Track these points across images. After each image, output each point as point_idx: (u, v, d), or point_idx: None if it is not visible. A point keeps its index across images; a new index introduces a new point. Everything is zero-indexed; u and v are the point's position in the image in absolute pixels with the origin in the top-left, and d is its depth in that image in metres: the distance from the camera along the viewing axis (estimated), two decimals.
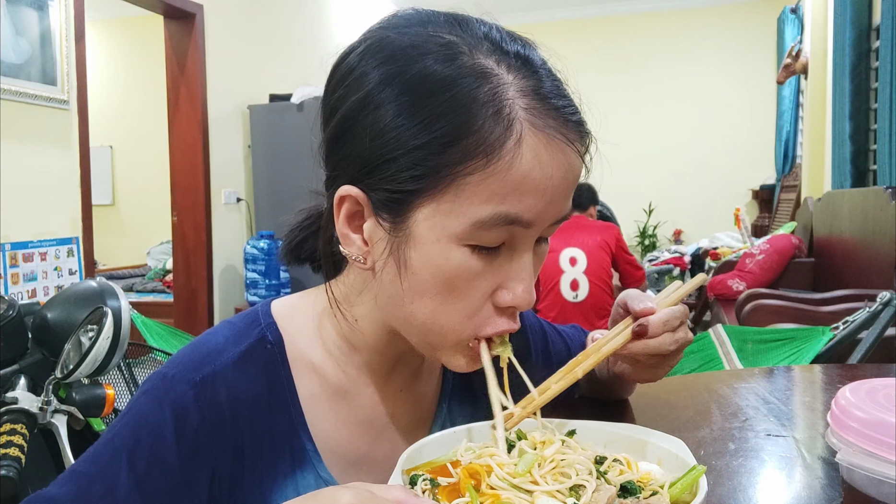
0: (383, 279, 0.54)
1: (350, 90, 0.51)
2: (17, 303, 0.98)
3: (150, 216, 6.39)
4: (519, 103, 0.48)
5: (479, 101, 0.47)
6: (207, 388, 0.54)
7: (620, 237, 3.17)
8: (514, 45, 0.51)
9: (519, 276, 0.52)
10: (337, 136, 0.53)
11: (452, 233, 0.49)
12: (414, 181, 0.49)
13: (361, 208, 0.53)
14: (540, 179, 0.48)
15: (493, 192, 0.47)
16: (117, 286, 1.04)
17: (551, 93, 0.51)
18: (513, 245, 0.51)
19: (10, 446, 0.83)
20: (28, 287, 2.91)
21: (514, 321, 0.54)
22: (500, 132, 0.47)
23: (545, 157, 0.48)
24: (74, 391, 0.97)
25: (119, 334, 0.95)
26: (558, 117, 0.50)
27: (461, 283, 0.51)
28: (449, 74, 0.48)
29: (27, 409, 0.91)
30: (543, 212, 0.50)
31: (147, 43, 6.10)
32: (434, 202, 0.49)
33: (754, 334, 2.00)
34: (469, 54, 0.49)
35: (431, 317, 0.52)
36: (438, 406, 0.68)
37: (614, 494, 0.46)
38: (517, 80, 0.49)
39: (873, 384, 0.57)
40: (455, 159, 0.47)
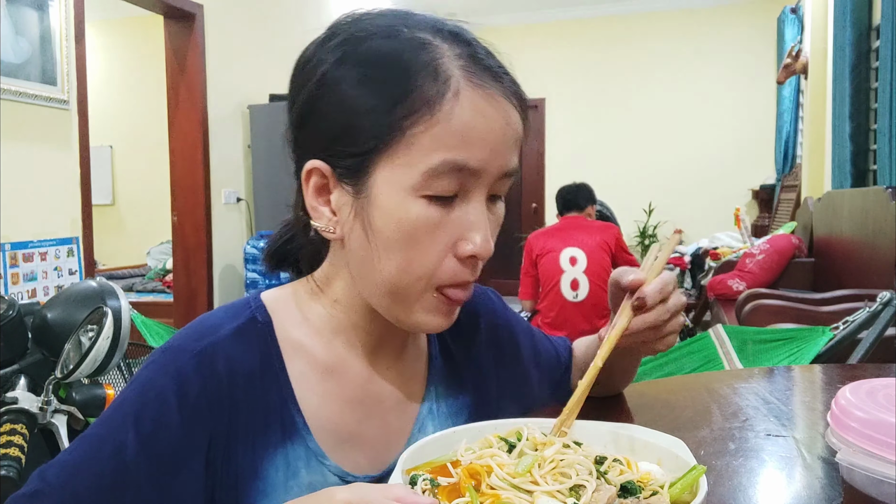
0: (352, 244, 0.59)
1: (309, 77, 0.58)
2: (17, 303, 0.98)
3: (150, 216, 6.39)
4: (454, 63, 0.55)
5: (419, 64, 0.54)
6: (207, 357, 0.57)
7: (620, 237, 3.17)
8: (448, 25, 0.59)
9: (475, 225, 0.56)
10: (301, 119, 0.60)
11: (408, 185, 0.54)
12: (370, 140, 0.54)
13: (327, 181, 0.58)
14: (481, 129, 0.54)
15: (439, 142, 0.53)
16: (117, 286, 1.04)
17: (483, 56, 0.57)
18: (466, 196, 0.56)
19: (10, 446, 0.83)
20: (28, 287, 2.91)
21: (474, 272, 0.58)
22: (439, 87, 0.53)
23: (483, 106, 0.54)
24: (74, 391, 0.97)
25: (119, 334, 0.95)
26: (492, 75, 0.56)
27: (422, 234, 0.55)
28: (393, 47, 0.55)
29: (27, 409, 0.91)
30: (488, 160, 0.55)
31: (147, 43, 6.10)
32: (389, 159, 0.54)
33: (754, 334, 2.00)
34: (408, 31, 0.56)
35: (399, 272, 0.56)
36: (427, 387, 0.69)
37: (614, 494, 0.46)
38: (452, 48, 0.56)
39: (873, 384, 0.57)
40: (402, 114, 0.53)
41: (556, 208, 3.30)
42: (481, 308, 0.76)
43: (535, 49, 6.85)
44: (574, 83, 6.79)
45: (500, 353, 0.77)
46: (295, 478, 0.59)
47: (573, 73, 6.79)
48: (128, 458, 0.53)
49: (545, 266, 3.10)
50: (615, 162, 6.65)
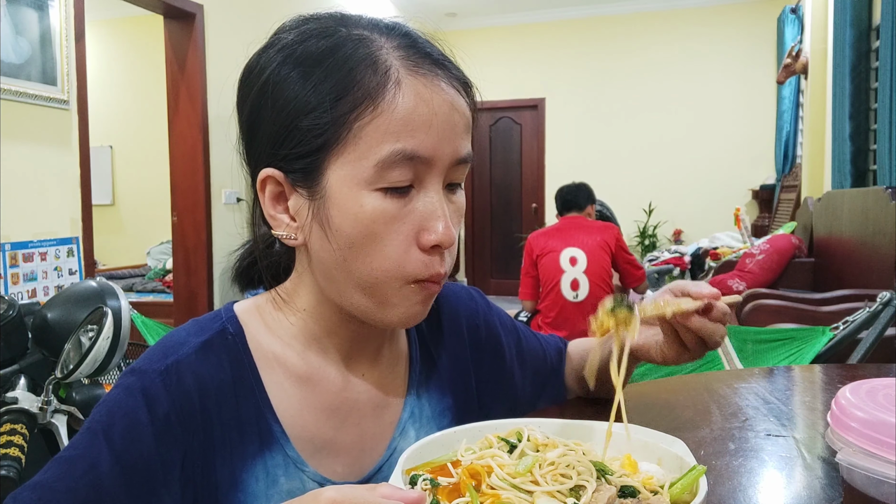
0: (313, 246, 0.58)
1: (252, 85, 0.59)
2: (17, 303, 0.98)
3: (150, 216, 6.39)
4: (393, 55, 0.55)
5: (357, 58, 0.54)
6: (173, 375, 0.57)
7: (620, 237, 3.17)
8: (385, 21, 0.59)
9: (434, 214, 0.56)
10: (249, 127, 0.60)
11: (361, 179, 0.54)
12: (316, 138, 0.54)
13: (283, 188, 0.58)
14: (426, 115, 0.54)
15: (385, 132, 0.53)
16: (117, 286, 1.04)
17: (421, 44, 0.57)
18: (421, 185, 0.56)
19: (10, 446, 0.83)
20: (28, 287, 2.91)
21: (442, 264, 0.58)
22: (379, 78, 0.54)
23: (426, 93, 0.54)
24: (74, 391, 0.97)
25: (119, 334, 0.95)
26: (432, 61, 0.56)
27: (381, 227, 0.55)
28: (331, 44, 0.55)
29: (27, 409, 0.91)
30: (438, 147, 0.55)
31: (147, 43, 6.09)
32: (339, 155, 0.54)
33: (754, 334, 1.99)
34: (346, 30, 0.57)
35: (365, 269, 0.56)
36: (407, 393, 0.69)
37: (614, 494, 0.46)
38: (390, 40, 0.56)
39: (873, 384, 0.57)
40: (346, 109, 0.53)
41: (556, 208, 3.30)
42: (462, 309, 0.76)
43: (535, 49, 6.86)
44: (574, 83, 6.79)
45: (481, 354, 0.76)
46: (274, 486, 0.59)
47: (573, 73, 6.79)
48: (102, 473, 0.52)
49: (545, 266, 3.09)
50: (615, 162, 6.65)
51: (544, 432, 0.56)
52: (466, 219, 7.32)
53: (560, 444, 0.53)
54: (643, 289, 3.35)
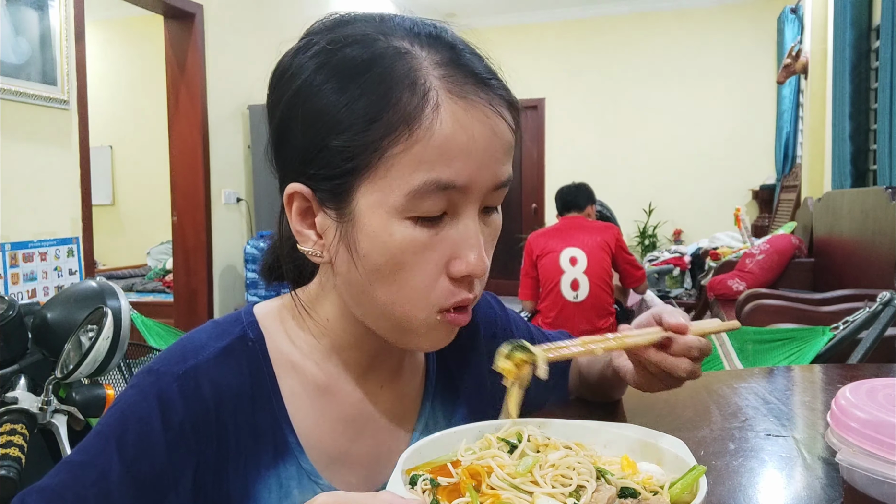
0: (339, 268, 0.56)
1: (285, 89, 0.55)
2: (17, 303, 0.98)
3: (150, 216, 6.39)
4: (433, 73, 0.51)
5: (395, 77, 0.50)
6: (190, 380, 0.55)
7: (620, 237, 3.17)
8: (427, 27, 0.55)
9: (467, 242, 0.53)
10: (279, 136, 0.57)
11: (392, 207, 0.51)
12: (347, 161, 0.51)
13: (310, 204, 0.56)
14: (464, 142, 0.50)
15: (420, 160, 0.50)
16: (117, 286, 1.04)
17: (466, 61, 0.53)
18: (455, 213, 0.53)
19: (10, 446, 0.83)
20: (28, 287, 2.91)
21: (471, 291, 0.56)
22: (417, 101, 0.50)
23: (465, 120, 0.51)
24: (74, 391, 0.97)
25: (119, 334, 0.95)
26: (476, 82, 0.52)
27: (410, 257, 0.52)
28: (369, 57, 0.51)
29: (27, 409, 0.91)
30: (475, 175, 0.52)
31: (147, 43, 6.10)
32: (370, 181, 0.51)
33: (754, 334, 1.99)
34: (384, 40, 0.52)
35: (391, 297, 0.54)
36: (422, 404, 0.68)
37: (614, 495, 0.46)
38: (431, 55, 0.52)
39: (873, 384, 0.57)
40: (380, 134, 0.50)
41: (556, 208, 3.30)
42: (480, 318, 0.75)
43: (535, 49, 6.85)
44: (574, 83, 6.79)
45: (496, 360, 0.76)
46: (287, 498, 0.58)
47: (573, 73, 6.79)
48: (111, 483, 0.51)
49: (545, 266, 3.09)
50: (615, 162, 6.65)
51: (545, 433, 0.56)
52: None
53: (560, 444, 0.53)
54: (643, 289, 3.35)
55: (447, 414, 0.69)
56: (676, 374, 0.63)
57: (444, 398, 0.70)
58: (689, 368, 0.63)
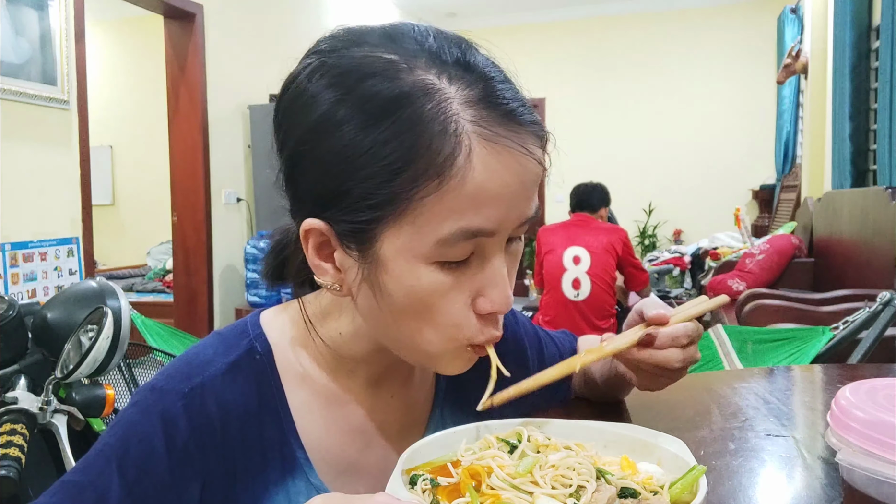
0: (361, 304, 0.55)
1: (300, 113, 0.51)
2: (17, 303, 0.98)
3: (150, 216, 6.39)
4: (465, 116, 0.48)
5: (423, 120, 0.47)
6: (196, 398, 0.54)
7: (627, 241, 3.17)
8: (454, 51, 0.50)
9: (493, 282, 0.52)
10: (292, 167, 0.53)
11: (419, 253, 0.49)
12: (370, 210, 0.49)
13: (328, 238, 0.53)
14: (496, 189, 0.48)
15: (450, 210, 0.48)
16: (117, 286, 1.04)
17: (497, 98, 0.49)
18: (482, 253, 0.52)
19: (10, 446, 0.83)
20: (28, 287, 2.91)
21: (498, 328, 0.55)
22: (449, 149, 0.47)
23: (498, 166, 0.48)
24: (74, 391, 0.97)
25: (119, 334, 0.95)
26: (508, 123, 0.49)
27: (436, 299, 0.51)
28: (394, 95, 0.47)
29: (27, 409, 0.91)
30: (504, 219, 0.50)
31: (147, 43, 6.09)
32: (396, 227, 0.49)
33: (754, 334, 1.99)
34: (409, 70, 0.48)
35: (416, 335, 0.53)
36: (431, 412, 0.68)
37: (614, 495, 0.46)
38: (460, 91, 0.48)
39: (873, 384, 0.57)
40: (407, 184, 0.47)
41: (570, 204, 3.30)
42: None
43: (535, 49, 6.85)
44: (574, 83, 6.79)
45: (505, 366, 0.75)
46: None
47: (573, 73, 6.79)
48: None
49: (549, 263, 3.10)
50: (615, 162, 6.64)
51: (545, 433, 0.56)
52: None
53: (561, 445, 0.53)
54: (647, 292, 3.36)
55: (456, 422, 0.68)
56: (670, 366, 0.61)
57: (452, 406, 0.69)
58: (681, 357, 0.61)
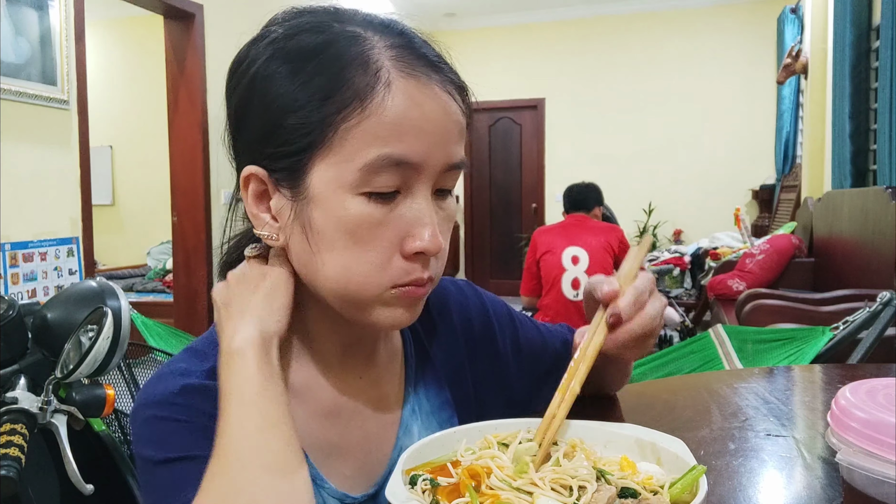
0: (293, 247, 0.57)
1: (241, 78, 0.57)
2: (17, 303, 0.98)
3: (150, 216, 6.39)
4: (385, 54, 0.53)
5: (348, 57, 0.52)
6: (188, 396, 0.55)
7: (624, 239, 3.18)
8: (380, 17, 0.57)
9: (421, 220, 0.54)
10: (236, 122, 0.58)
11: (346, 182, 0.52)
12: (301, 138, 0.53)
13: (266, 187, 0.57)
14: (417, 119, 0.52)
15: (374, 135, 0.51)
16: (117, 286, 1.04)
17: (416, 44, 0.55)
18: (408, 191, 0.54)
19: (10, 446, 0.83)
20: (28, 287, 2.91)
21: (426, 269, 0.56)
22: (369, 79, 0.52)
23: (418, 97, 0.52)
24: (74, 391, 0.97)
25: (119, 334, 0.95)
26: (426, 63, 0.54)
27: (364, 232, 0.53)
28: (322, 41, 0.53)
29: (27, 409, 0.91)
30: (428, 153, 0.53)
31: (147, 43, 6.10)
32: (324, 157, 0.53)
33: (754, 334, 1.99)
34: (339, 26, 0.55)
35: (344, 273, 0.54)
36: (406, 389, 0.68)
37: (614, 495, 0.46)
38: (384, 39, 0.54)
39: (873, 384, 0.57)
40: (333, 110, 0.52)
41: (563, 206, 3.30)
42: (452, 303, 0.75)
43: (535, 49, 6.85)
44: (574, 83, 6.78)
45: (474, 346, 0.75)
46: None
47: (573, 73, 6.79)
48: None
49: (547, 263, 3.10)
50: (615, 162, 6.65)
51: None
52: (466, 219, 7.32)
53: (561, 444, 0.53)
54: None
55: (431, 398, 0.69)
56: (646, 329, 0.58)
57: (426, 382, 0.70)
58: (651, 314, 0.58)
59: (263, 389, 0.51)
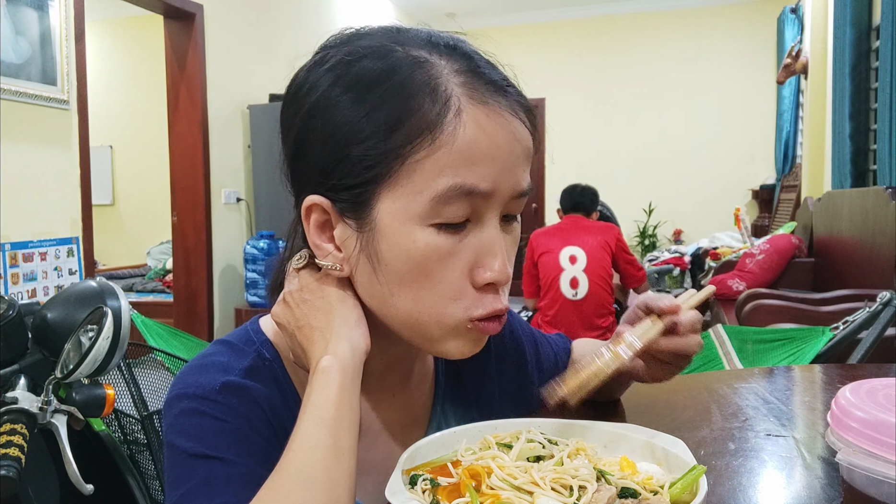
0: (360, 279, 0.55)
1: (301, 104, 0.55)
2: (17, 303, 0.98)
3: (150, 216, 6.39)
4: (454, 80, 0.51)
5: (415, 84, 0.50)
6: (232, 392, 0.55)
7: (621, 237, 3.18)
8: (444, 38, 0.55)
9: (491, 250, 0.53)
10: (296, 150, 0.56)
11: (414, 214, 0.51)
12: (367, 170, 0.51)
13: (329, 216, 0.55)
14: (487, 147, 0.51)
15: (444, 166, 0.50)
16: (117, 286, 1.04)
17: (484, 69, 0.53)
18: (478, 220, 0.53)
19: (10, 446, 0.83)
20: (28, 287, 2.91)
21: (499, 299, 0.55)
22: (439, 108, 0.50)
23: (488, 125, 0.51)
24: (74, 391, 0.97)
25: (119, 334, 0.95)
26: (495, 89, 0.52)
27: (433, 264, 0.52)
28: (385, 67, 0.51)
29: (27, 409, 0.91)
30: (498, 180, 0.52)
31: (147, 43, 6.10)
32: (391, 189, 0.51)
33: (754, 334, 1.99)
34: (402, 50, 0.52)
35: (415, 306, 0.53)
36: (433, 408, 0.68)
37: (614, 495, 0.46)
38: (450, 63, 0.52)
39: (873, 384, 0.57)
40: (401, 142, 0.50)
41: (562, 206, 3.31)
42: None
43: (535, 49, 6.85)
44: (574, 83, 6.78)
45: (504, 363, 0.75)
46: None
47: (573, 73, 6.79)
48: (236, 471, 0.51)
49: (545, 264, 3.10)
50: (615, 162, 6.65)
51: (544, 432, 0.56)
52: None
53: (561, 444, 0.53)
54: (644, 289, 3.36)
55: (458, 417, 0.69)
56: (690, 352, 0.63)
57: (454, 402, 0.69)
58: (698, 342, 0.64)
59: (340, 413, 0.50)
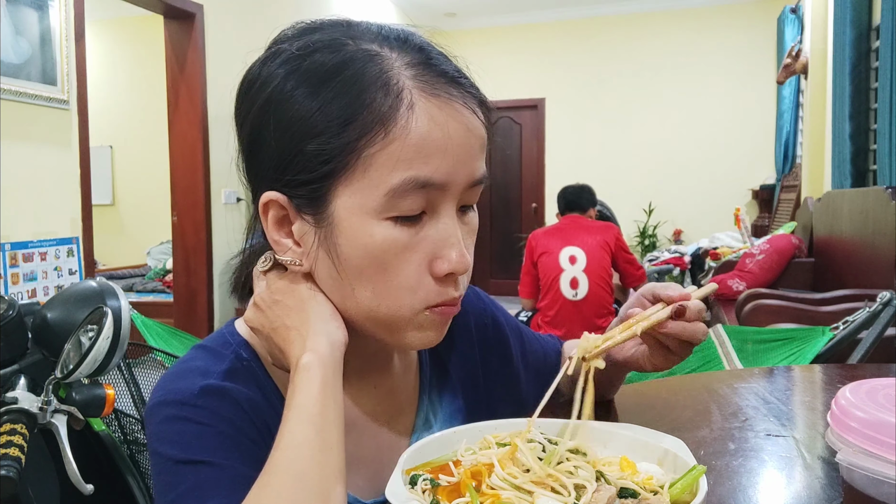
0: (320, 274, 0.55)
1: (254, 100, 0.55)
2: (17, 303, 0.98)
3: (150, 216, 6.39)
4: (405, 73, 0.51)
5: (367, 79, 0.51)
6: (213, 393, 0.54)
7: (620, 237, 3.18)
8: (394, 31, 0.55)
9: (448, 241, 0.53)
10: (251, 145, 0.56)
11: (371, 208, 0.51)
12: (323, 164, 0.51)
13: (286, 212, 0.55)
14: (440, 139, 0.51)
15: (398, 159, 0.50)
16: (117, 286, 1.04)
17: (436, 61, 0.54)
18: (434, 212, 0.53)
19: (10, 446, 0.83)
20: (28, 287, 2.91)
21: (457, 289, 0.56)
22: (392, 101, 0.50)
23: (440, 117, 0.51)
24: (74, 391, 0.97)
25: (119, 334, 0.95)
26: (447, 80, 0.53)
27: (391, 257, 0.52)
28: (337, 61, 0.51)
29: (27, 409, 0.91)
30: (452, 172, 0.52)
31: (147, 43, 6.09)
32: (347, 183, 0.51)
33: (754, 334, 1.99)
34: (353, 43, 0.53)
35: (375, 299, 0.54)
36: (419, 398, 0.68)
37: (614, 495, 0.46)
38: (401, 56, 0.53)
39: (873, 384, 0.57)
40: (355, 136, 0.50)
41: (558, 207, 3.31)
42: (470, 308, 0.75)
43: (535, 49, 6.85)
44: (574, 83, 6.78)
45: (489, 353, 0.75)
46: None
47: (573, 73, 6.79)
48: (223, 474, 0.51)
49: (545, 264, 3.10)
50: (615, 162, 6.65)
51: (544, 432, 0.56)
52: None
53: (561, 445, 0.53)
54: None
55: (444, 406, 0.69)
56: (696, 338, 0.63)
57: (440, 390, 0.70)
58: (703, 330, 0.64)
59: (324, 408, 0.50)
